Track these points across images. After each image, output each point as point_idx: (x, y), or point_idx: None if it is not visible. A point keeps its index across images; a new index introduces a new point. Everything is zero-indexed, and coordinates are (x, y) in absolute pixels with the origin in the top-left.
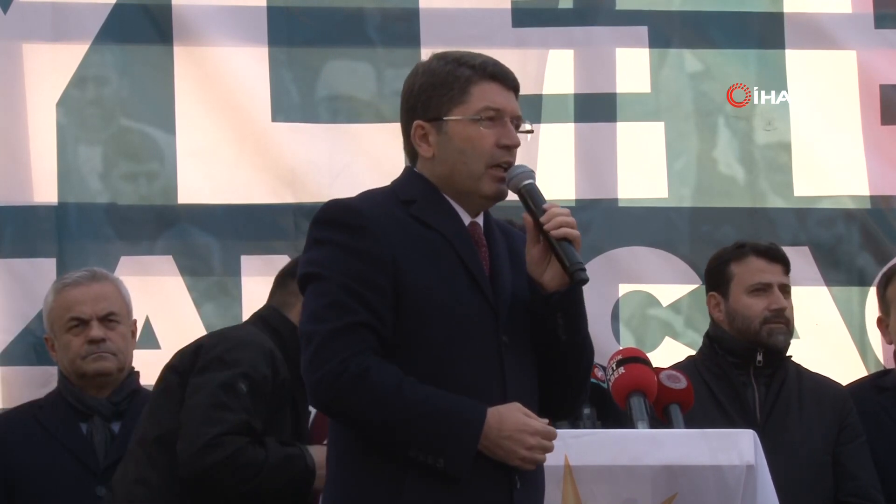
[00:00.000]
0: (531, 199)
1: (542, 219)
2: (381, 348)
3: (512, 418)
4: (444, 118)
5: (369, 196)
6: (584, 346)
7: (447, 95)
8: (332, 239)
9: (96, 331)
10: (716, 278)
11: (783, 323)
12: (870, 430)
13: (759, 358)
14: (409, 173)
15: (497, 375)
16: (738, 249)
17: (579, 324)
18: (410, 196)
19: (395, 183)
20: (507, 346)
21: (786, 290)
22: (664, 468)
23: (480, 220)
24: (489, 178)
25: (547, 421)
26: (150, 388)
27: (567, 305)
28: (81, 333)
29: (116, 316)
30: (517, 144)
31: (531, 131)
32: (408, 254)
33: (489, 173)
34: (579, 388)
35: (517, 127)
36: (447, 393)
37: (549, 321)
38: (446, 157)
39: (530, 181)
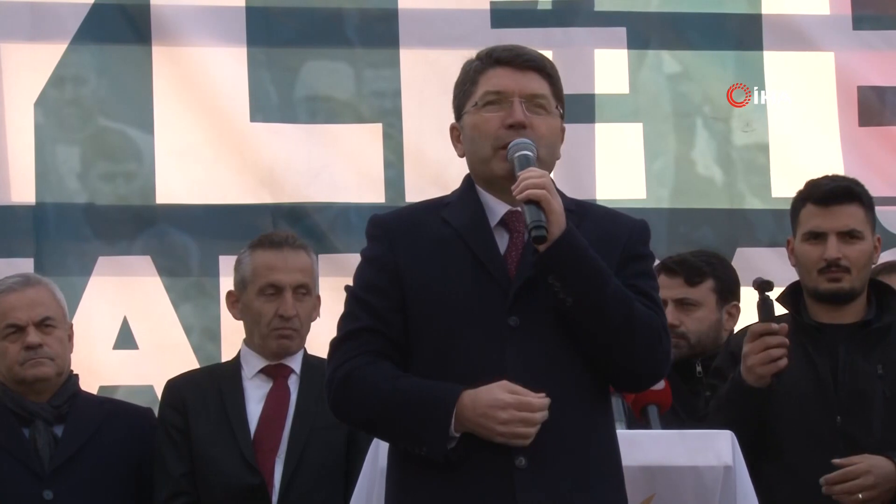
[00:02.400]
0: (516, 170)
1: (513, 187)
2: (390, 349)
3: (486, 396)
4: (463, 114)
5: (416, 204)
6: (598, 305)
7: (463, 91)
8: (361, 253)
9: (33, 336)
10: None
11: (673, 337)
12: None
13: (698, 369)
14: (465, 178)
15: (496, 361)
16: (657, 265)
17: (578, 283)
18: (450, 199)
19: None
20: (514, 329)
21: (685, 302)
22: (642, 469)
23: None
24: (499, 160)
25: (543, 395)
26: (91, 393)
27: (551, 265)
28: (18, 340)
29: (52, 321)
30: (519, 122)
31: (558, 108)
32: (413, 255)
33: (499, 154)
34: (627, 352)
35: (537, 105)
36: (431, 381)
37: (547, 287)
38: (468, 150)
39: (521, 153)
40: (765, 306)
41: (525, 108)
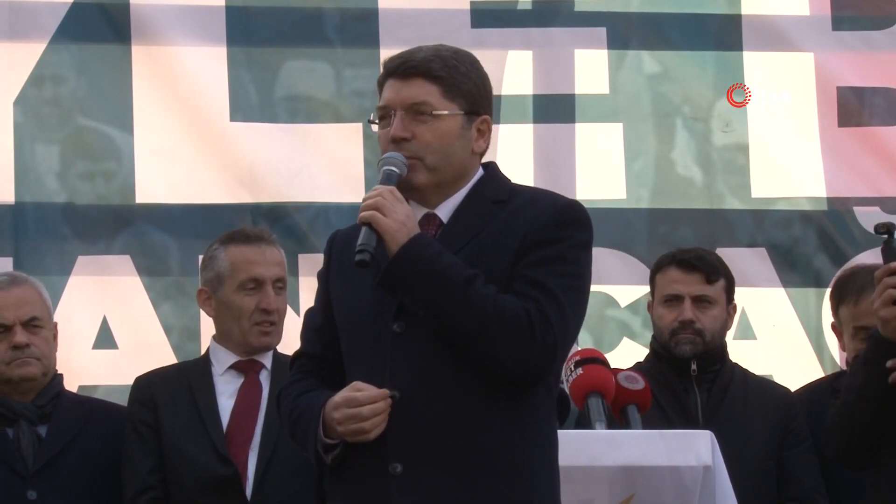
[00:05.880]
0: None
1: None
2: (322, 366)
3: (333, 400)
4: None
5: None
6: (447, 314)
7: None
8: None
9: (20, 336)
10: (650, 287)
11: (691, 333)
12: (821, 431)
13: (693, 367)
14: None
15: (381, 366)
16: (664, 258)
17: (422, 297)
18: None
19: None
20: (397, 335)
21: (703, 299)
22: (621, 469)
23: (444, 208)
24: None
25: (384, 390)
26: (75, 392)
27: (388, 285)
28: (5, 339)
29: (39, 320)
30: (395, 137)
31: (438, 111)
32: (339, 268)
33: None
34: (489, 354)
35: (418, 112)
36: (319, 393)
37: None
38: None
39: (384, 168)
40: (889, 249)
41: (410, 117)
